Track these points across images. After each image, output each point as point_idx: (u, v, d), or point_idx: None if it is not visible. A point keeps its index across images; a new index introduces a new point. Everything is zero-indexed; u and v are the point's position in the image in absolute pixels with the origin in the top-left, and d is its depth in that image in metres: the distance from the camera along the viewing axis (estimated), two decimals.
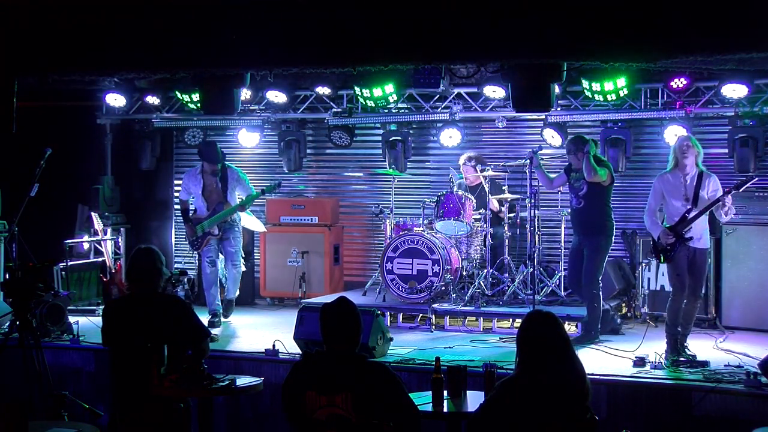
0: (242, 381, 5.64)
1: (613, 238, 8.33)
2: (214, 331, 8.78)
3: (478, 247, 9.72)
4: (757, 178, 7.61)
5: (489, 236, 9.56)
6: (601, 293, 8.34)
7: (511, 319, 9.00)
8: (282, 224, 10.92)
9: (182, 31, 6.50)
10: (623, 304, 9.58)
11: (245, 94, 10.27)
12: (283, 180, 10.87)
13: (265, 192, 9.55)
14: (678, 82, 9.35)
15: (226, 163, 9.53)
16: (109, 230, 10.68)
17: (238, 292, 9.65)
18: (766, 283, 8.88)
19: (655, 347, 7.51)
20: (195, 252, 9.73)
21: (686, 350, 7.43)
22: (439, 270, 9.30)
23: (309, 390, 4.56)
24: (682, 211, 7.39)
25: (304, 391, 4.57)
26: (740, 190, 7.36)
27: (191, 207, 9.64)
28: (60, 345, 8.28)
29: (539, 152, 8.94)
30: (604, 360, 7.60)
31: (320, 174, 11.54)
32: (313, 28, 6.32)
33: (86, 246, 10.71)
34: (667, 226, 7.45)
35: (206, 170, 9.42)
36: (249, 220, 10.01)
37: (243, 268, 9.72)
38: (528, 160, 8.88)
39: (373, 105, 10.16)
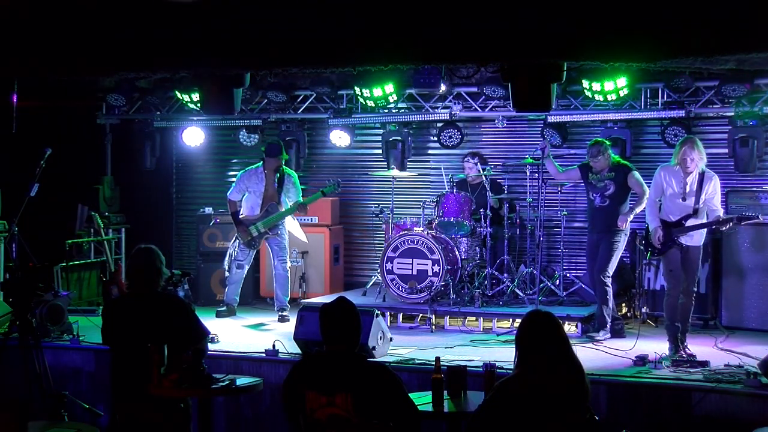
0: (242, 381, 5.65)
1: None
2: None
3: (478, 247, 9.72)
4: (762, 217, 7.67)
5: (489, 236, 9.56)
6: (611, 289, 8.46)
7: (511, 319, 8.99)
8: None
9: (182, 31, 6.49)
10: (623, 304, 9.58)
11: (245, 94, 10.26)
12: None
13: (325, 193, 9.72)
14: (678, 82, 9.34)
15: (284, 167, 9.65)
16: (109, 230, 10.68)
17: (289, 296, 9.75)
18: (766, 283, 8.88)
19: (655, 347, 7.51)
20: (251, 249, 9.66)
21: (686, 350, 7.44)
22: (439, 270, 9.29)
23: (309, 390, 4.56)
24: (680, 209, 7.43)
25: (304, 391, 4.57)
26: (741, 224, 7.45)
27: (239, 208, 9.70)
28: (60, 345, 8.26)
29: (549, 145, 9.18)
30: (604, 360, 7.60)
31: (320, 174, 11.53)
32: (312, 28, 6.32)
33: (86, 246, 10.71)
34: (664, 220, 7.49)
35: (269, 168, 9.53)
36: (294, 226, 10.06)
37: (289, 264, 9.76)
38: (540, 151, 8.94)
39: (373, 105, 10.16)
